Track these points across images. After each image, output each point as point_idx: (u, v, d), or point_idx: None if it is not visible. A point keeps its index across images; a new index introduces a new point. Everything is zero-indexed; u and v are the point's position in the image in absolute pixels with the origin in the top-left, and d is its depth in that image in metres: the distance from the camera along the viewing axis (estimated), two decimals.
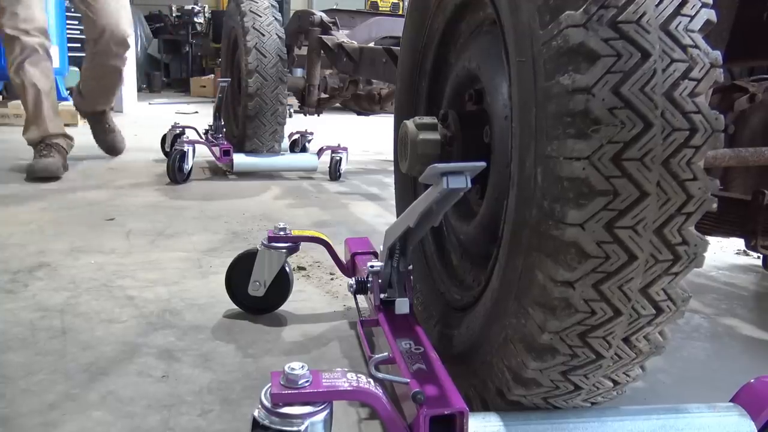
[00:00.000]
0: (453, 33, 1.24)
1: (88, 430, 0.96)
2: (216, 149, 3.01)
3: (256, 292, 1.37)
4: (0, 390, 1.06)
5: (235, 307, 1.43)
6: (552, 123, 0.71)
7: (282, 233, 1.36)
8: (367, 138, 5.06)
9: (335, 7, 5.07)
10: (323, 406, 0.74)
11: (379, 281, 1.05)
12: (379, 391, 0.78)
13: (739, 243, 1.45)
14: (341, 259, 1.44)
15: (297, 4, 10.31)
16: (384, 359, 0.92)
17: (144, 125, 5.08)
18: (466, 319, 1.01)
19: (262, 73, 2.97)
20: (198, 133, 3.34)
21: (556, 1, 0.71)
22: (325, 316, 1.45)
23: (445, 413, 0.77)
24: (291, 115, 4.51)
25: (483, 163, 0.76)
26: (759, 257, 2.05)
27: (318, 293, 1.59)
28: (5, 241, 1.89)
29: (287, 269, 1.40)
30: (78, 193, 2.61)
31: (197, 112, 6.43)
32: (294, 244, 1.38)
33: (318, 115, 3.55)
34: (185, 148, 2.89)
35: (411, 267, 1.07)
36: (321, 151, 3.24)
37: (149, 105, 7.15)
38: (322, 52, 3.15)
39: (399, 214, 1.47)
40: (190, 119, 5.14)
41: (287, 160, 3.24)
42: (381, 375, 0.85)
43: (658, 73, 0.67)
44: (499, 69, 0.99)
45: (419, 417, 0.76)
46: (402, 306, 1.03)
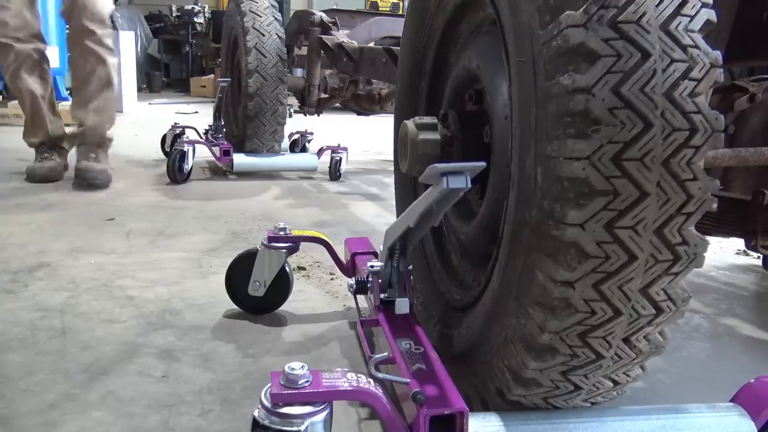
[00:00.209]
0: (453, 33, 1.24)
1: (88, 430, 0.96)
2: (216, 149, 3.01)
3: (256, 292, 1.37)
4: (0, 390, 1.06)
5: (235, 307, 1.43)
6: (552, 123, 0.71)
7: (282, 233, 1.36)
8: (367, 138, 5.06)
9: (335, 7, 5.07)
10: (323, 406, 0.74)
11: (379, 281, 1.05)
12: (379, 391, 0.78)
13: (739, 243, 1.45)
14: (341, 259, 1.44)
15: (297, 4, 10.31)
16: (384, 359, 0.92)
17: (144, 125, 5.08)
18: (466, 319, 1.01)
19: (262, 73, 2.97)
20: (198, 133, 3.34)
21: (556, 1, 0.71)
22: (325, 316, 1.45)
23: (445, 413, 0.77)
24: (291, 115, 4.51)
25: (483, 163, 0.76)
26: (759, 257, 2.05)
27: (318, 293, 1.59)
28: (5, 241, 1.89)
29: (287, 269, 1.40)
30: (78, 193, 2.61)
31: (197, 112, 6.43)
32: (294, 244, 1.38)
33: (318, 115, 3.55)
34: (185, 148, 2.89)
35: (411, 267, 1.07)
36: (321, 151, 3.24)
37: (149, 105, 7.14)
38: (322, 52, 3.15)
39: (399, 214, 1.47)
40: (190, 119, 5.14)
41: (287, 160, 3.24)
42: (381, 375, 0.85)
43: (658, 73, 0.67)
44: (499, 69, 0.99)
45: (419, 417, 0.76)
46: (402, 306, 1.03)
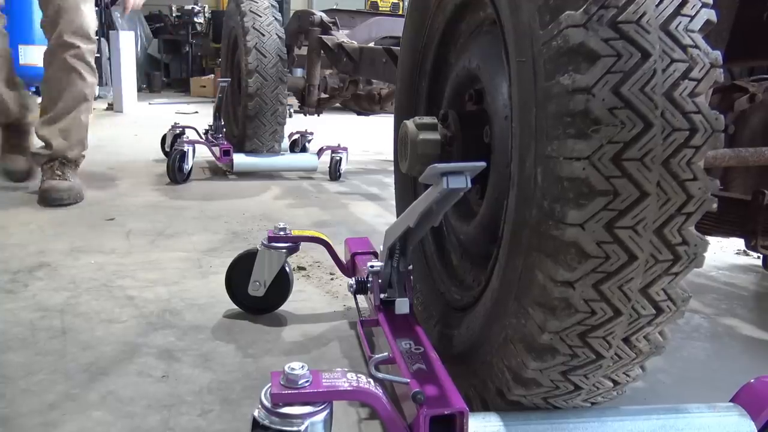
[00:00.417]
0: (453, 33, 1.24)
1: (88, 430, 0.96)
2: (216, 149, 3.01)
3: (256, 292, 1.37)
4: (0, 390, 1.06)
5: (235, 307, 1.43)
6: (552, 123, 0.71)
7: (282, 233, 1.36)
8: (367, 138, 5.06)
9: (335, 7, 5.07)
10: (323, 406, 0.74)
11: (379, 281, 1.05)
12: (379, 391, 0.78)
13: (739, 243, 1.45)
14: (341, 259, 1.44)
15: (297, 4, 10.31)
16: (384, 359, 0.92)
17: (144, 125, 5.08)
18: (466, 319, 1.01)
19: (262, 73, 2.97)
20: (198, 133, 3.34)
21: (556, 1, 0.71)
22: (325, 316, 1.45)
23: (445, 413, 0.77)
24: (291, 115, 4.50)
25: (483, 163, 0.76)
26: (759, 257, 2.05)
27: (318, 293, 1.59)
28: (5, 241, 1.89)
29: (287, 269, 1.40)
30: None
31: (197, 112, 6.43)
32: (294, 244, 1.38)
33: (318, 115, 3.55)
34: (185, 148, 2.89)
35: (411, 267, 1.07)
36: (321, 151, 3.24)
37: (149, 105, 7.15)
38: (322, 52, 3.15)
39: (399, 214, 1.47)
40: (190, 119, 5.14)
41: (287, 160, 3.24)
42: (381, 375, 0.85)
43: (658, 73, 0.67)
44: (499, 69, 0.99)
45: (419, 417, 0.76)
46: (402, 306, 1.03)
